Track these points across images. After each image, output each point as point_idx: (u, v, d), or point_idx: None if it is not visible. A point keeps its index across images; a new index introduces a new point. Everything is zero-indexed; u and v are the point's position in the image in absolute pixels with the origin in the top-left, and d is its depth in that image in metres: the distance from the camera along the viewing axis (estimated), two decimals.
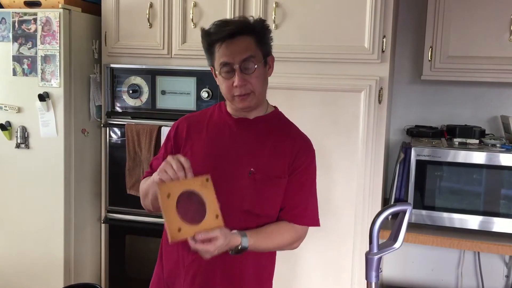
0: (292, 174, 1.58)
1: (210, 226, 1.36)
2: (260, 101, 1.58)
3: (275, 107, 1.69)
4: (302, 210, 1.60)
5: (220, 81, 1.55)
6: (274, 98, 1.77)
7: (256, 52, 1.51)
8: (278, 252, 1.68)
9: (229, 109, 1.62)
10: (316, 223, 1.64)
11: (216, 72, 1.55)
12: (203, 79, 2.57)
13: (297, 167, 1.58)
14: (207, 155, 1.58)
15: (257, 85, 1.52)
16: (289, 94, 2.41)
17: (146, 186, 1.61)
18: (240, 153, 1.56)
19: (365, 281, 1.14)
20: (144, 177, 1.71)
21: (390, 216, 1.14)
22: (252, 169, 1.53)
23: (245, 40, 1.50)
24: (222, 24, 1.52)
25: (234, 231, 1.45)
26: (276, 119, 1.65)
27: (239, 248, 1.45)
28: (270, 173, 1.55)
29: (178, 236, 1.32)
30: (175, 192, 1.35)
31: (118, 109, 2.76)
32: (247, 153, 1.56)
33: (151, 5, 2.61)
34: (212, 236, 1.35)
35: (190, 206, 1.37)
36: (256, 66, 1.50)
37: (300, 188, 1.60)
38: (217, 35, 1.50)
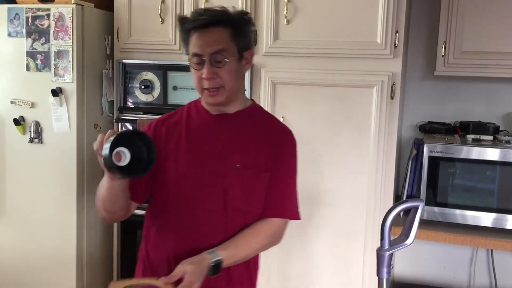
0: (273, 167, 1.54)
1: None
2: (232, 96, 1.52)
3: (252, 100, 1.66)
4: (279, 202, 1.56)
5: (192, 72, 1.50)
6: (286, 93, 1.77)
7: (229, 46, 1.46)
8: (289, 248, 1.67)
9: (205, 106, 1.57)
10: (296, 216, 1.60)
11: (188, 62, 1.50)
12: None
13: (278, 160, 1.54)
14: (191, 157, 1.53)
15: (227, 79, 1.46)
16: (300, 89, 2.39)
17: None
18: (224, 150, 1.52)
19: (376, 277, 1.13)
20: None
21: (402, 213, 1.14)
22: (237, 165, 1.50)
23: (218, 32, 1.45)
24: (199, 13, 1.48)
25: (197, 257, 1.42)
26: (257, 112, 1.62)
27: (213, 263, 1.42)
28: (256, 168, 1.52)
29: None
30: None
31: (130, 105, 2.77)
32: (231, 149, 1.52)
33: (163, 1, 2.62)
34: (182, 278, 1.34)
35: None
36: (227, 60, 1.45)
37: (281, 181, 1.56)
38: (191, 24, 1.47)
